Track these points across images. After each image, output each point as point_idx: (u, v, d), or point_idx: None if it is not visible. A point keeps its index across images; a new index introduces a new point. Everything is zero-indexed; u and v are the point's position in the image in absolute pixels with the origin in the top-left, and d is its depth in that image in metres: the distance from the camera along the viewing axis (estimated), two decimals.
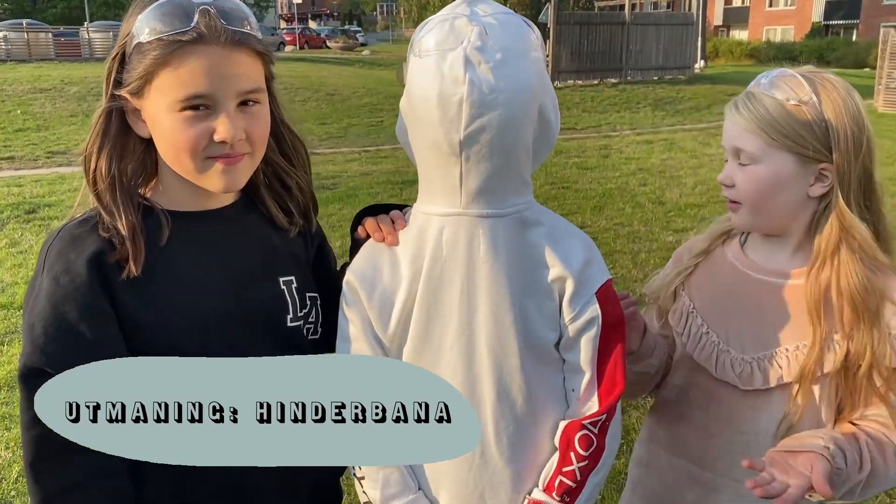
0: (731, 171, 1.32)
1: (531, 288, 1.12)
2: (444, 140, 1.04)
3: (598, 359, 1.14)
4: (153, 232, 1.13)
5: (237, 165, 1.13)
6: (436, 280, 1.11)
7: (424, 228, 1.13)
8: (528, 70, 1.05)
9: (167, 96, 1.07)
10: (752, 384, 1.30)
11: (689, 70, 19.44)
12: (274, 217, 1.27)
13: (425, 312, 1.12)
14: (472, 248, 1.10)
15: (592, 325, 1.13)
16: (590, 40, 17.82)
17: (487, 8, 1.07)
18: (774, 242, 1.35)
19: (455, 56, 1.01)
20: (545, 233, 1.13)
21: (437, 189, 1.11)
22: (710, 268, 1.41)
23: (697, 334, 1.37)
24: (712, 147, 11.30)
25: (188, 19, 1.05)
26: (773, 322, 1.30)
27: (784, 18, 45.26)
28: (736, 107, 1.30)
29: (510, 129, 1.04)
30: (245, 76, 1.11)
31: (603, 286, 1.14)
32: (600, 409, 1.14)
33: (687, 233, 6.50)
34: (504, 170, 1.07)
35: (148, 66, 1.06)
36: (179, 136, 1.08)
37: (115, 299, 1.09)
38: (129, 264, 1.08)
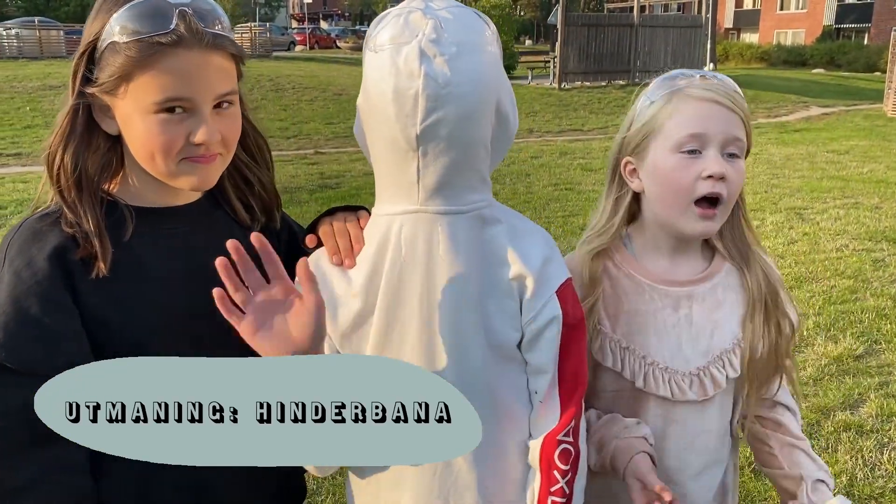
0: (721, 161, 1.22)
1: (492, 287, 1.09)
2: (400, 135, 1.03)
3: (559, 360, 1.12)
4: (116, 228, 1.11)
5: (210, 165, 1.12)
6: (395, 281, 1.09)
7: (382, 230, 1.11)
8: (483, 64, 1.03)
9: (145, 98, 1.05)
10: (707, 394, 1.29)
11: None
12: (238, 215, 1.26)
13: (385, 314, 1.10)
14: (431, 246, 1.07)
15: (552, 325, 1.10)
16: (598, 42, 17.81)
17: (441, 3, 1.05)
18: (683, 248, 1.32)
19: (410, 50, 1.00)
20: (505, 230, 1.11)
21: (394, 187, 1.08)
22: (622, 293, 1.32)
23: (641, 368, 1.29)
24: None
25: (167, 21, 1.04)
26: (706, 328, 1.30)
27: (795, 21, 45.05)
28: (719, 93, 1.22)
29: (467, 123, 1.02)
30: (222, 78, 1.10)
31: (563, 285, 1.11)
32: (567, 415, 1.11)
33: None
34: (462, 165, 1.05)
35: (125, 66, 1.04)
36: (156, 138, 1.07)
37: (78, 295, 1.07)
38: (98, 263, 1.07)
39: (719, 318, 1.31)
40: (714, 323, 1.30)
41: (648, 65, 18.37)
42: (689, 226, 1.25)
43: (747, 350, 1.29)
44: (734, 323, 1.31)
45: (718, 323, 1.30)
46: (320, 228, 1.19)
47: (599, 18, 19.44)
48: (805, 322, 4.56)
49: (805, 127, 13.97)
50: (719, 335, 1.30)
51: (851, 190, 8.38)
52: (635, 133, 1.29)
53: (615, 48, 18.03)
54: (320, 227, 1.19)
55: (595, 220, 1.38)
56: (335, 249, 1.14)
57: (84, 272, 1.07)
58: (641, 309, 1.30)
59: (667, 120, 1.24)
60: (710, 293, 1.31)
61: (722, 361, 1.29)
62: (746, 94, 1.34)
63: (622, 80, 17.97)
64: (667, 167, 1.24)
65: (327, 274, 1.14)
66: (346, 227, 1.16)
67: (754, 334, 1.29)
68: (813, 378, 3.84)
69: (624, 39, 18.03)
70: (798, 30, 44.39)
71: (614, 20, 19.06)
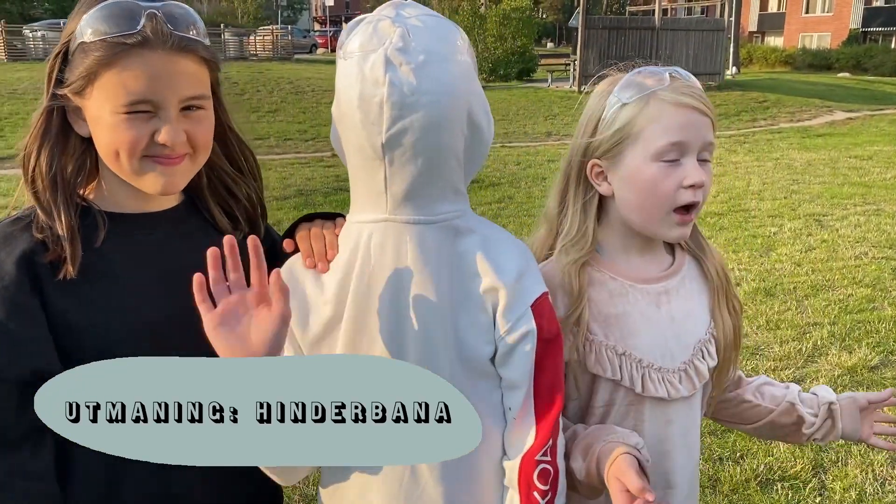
0: (700, 170, 1.21)
1: (463, 299, 1.07)
2: (367, 143, 1.02)
3: (534, 376, 1.09)
4: (89, 233, 1.11)
5: (176, 167, 1.12)
6: (364, 289, 1.08)
7: (354, 237, 1.10)
8: (451, 73, 1.01)
9: (109, 98, 1.06)
10: (695, 387, 1.30)
11: (719, 76, 19.21)
12: (217, 222, 1.25)
13: (353, 323, 1.08)
14: (399, 255, 1.06)
15: (527, 340, 1.07)
16: (619, 45, 17.74)
17: (414, 11, 1.04)
18: (650, 246, 1.33)
19: (376, 57, 0.99)
20: (478, 241, 1.08)
21: (365, 195, 1.08)
22: (606, 296, 1.30)
23: (639, 372, 1.27)
24: (739, 154, 11.18)
25: (134, 22, 1.04)
26: (685, 321, 1.31)
27: (820, 25, 44.50)
28: (695, 97, 1.22)
29: (434, 132, 1.01)
30: (189, 82, 1.09)
31: (538, 299, 1.09)
32: (544, 433, 1.09)
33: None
34: (430, 175, 1.04)
35: (91, 66, 1.05)
36: (119, 136, 1.07)
37: (46, 300, 1.07)
38: (66, 265, 1.06)
39: (692, 308, 1.33)
40: (689, 314, 1.32)
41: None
42: (668, 231, 1.25)
43: (721, 336, 1.32)
44: (704, 312, 1.34)
45: (692, 314, 1.32)
46: (297, 233, 1.19)
47: (620, 21, 19.36)
48: (820, 331, 4.52)
49: (828, 132, 13.81)
50: (695, 326, 1.32)
51: (873, 196, 8.26)
52: (608, 137, 1.26)
53: (636, 51, 17.91)
54: (297, 231, 1.19)
55: (566, 228, 1.33)
56: (309, 252, 1.14)
57: (52, 276, 1.07)
58: (629, 310, 1.29)
59: (646, 126, 1.22)
60: (682, 285, 1.33)
61: (702, 353, 1.31)
62: (769, 99, 1.34)
63: None
64: (646, 176, 1.22)
65: (302, 280, 1.13)
66: (322, 232, 1.16)
67: (723, 320, 1.33)
68: None
69: (645, 43, 17.94)
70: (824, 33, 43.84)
71: (635, 23, 18.98)
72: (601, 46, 17.62)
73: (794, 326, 4.60)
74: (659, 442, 1.29)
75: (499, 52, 21.79)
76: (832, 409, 1.48)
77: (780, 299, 5.08)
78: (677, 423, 1.31)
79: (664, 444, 1.30)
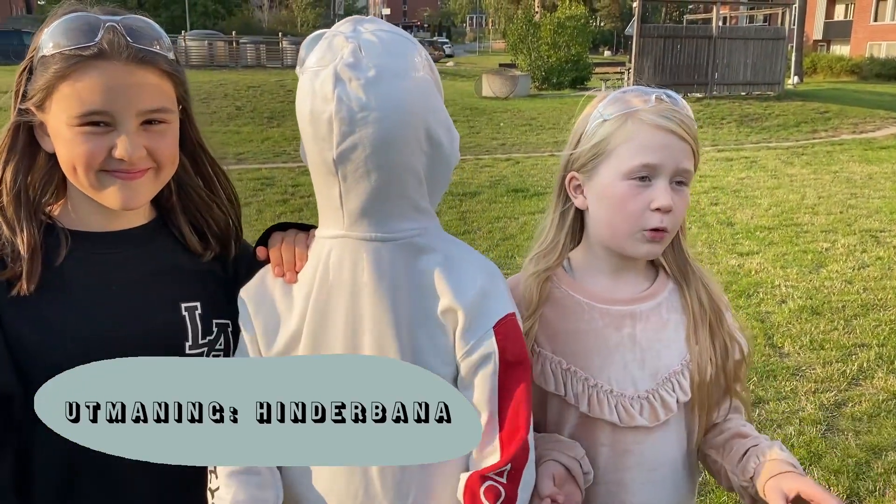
0: (669, 194, 1.19)
1: (421, 319, 1.05)
2: (319, 158, 1.01)
3: (498, 400, 1.05)
4: (51, 250, 1.11)
5: (136, 181, 1.10)
6: (322, 305, 1.06)
7: (317, 252, 1.09)
8: (404, 89, 0.99)
9: (66, 111, 1.05)
10: (658, 418, 1.23)
11: (779, 86, 18.72)
12: (187, 240, 1.23)
13: (312, 338, 1.07)
14: (356, 272, 1.05)
15: (488, 362, 1.04)
16: (674, 54, 17.46)
17: (371, 26, 1.03)
18: (625, 268, 1.29)
19: (326, 73, 0.98)
20: (438, 260, 1.06)
21: (325, 211, 1.07)
22: (562, 313, 1.27)
23: (584, 391, 1.23)
24: (795, 167, 10.86)
25: (93, 35, 1.05)
26: (652, 348, 1.25)
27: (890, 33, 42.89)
28: (676, 122, 1.19)
29: (385, 149, 0.99)
30: (148, 95, 1.08)
31: (503, 320, 1.05)
32: (503, 457, 1.04)
33: (752, 256, 6.32)
34: (386, 191, 1.02)
35: (49, 79, 1.05)
36: (76, 150, 1.06)
37: (2, 317, 1.06)
38: (21, 282, 1.06)
39: (665, 338, 1.26)
40: (660, 343, 1.26)
41: (727, 77, 17.88)
42: (635, 248, 1.23)
43: (695, 371, 1.24)
44: (681, 343, 1.27)
45: (665, 343, 1.26)
46: (269, 242, 1.18)
47: (676, 30, 19.02)
48: (867, 353, 4.34)
49: (892, 144, 13.28)
50: (667, 356, 1.25)
51: None
52: (585, 151, 1.25)
53: (692, 60, 17.61)
54: (270, 240, 1.18)
55: (542, 237, 1.33)
56: (279, 261, 1.13)
57: (7, 292, 1.07)
58: (582, 328, 1.25)
59: (620, 144, 1.21)
60: (654, 312, 1.27)
61: (672, 384, 1.24)
62: (831, 109, 1.30)
63: (699, 93, 17.53)
64: (616, 193, 1.21)
65: (272, 290, 1.13)
66: (294, 242, 1.15)
67: (700, 354, 1.25)
68: (868, 414, 3.62)
69: (701, 51, 17.60)
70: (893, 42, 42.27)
71: (692, 32, 18.61)
72: (656, 55, 17.35)
73: (840, 347, 4.43)
74: (615, 470, 1.24)
75: (552, 60, 21.68)
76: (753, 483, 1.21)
77: (827, 318, 4.90)
78: (637, 454, 1.24)
79: (620, 473, 1.25)
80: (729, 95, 17.64)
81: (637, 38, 17.30)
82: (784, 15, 20.59)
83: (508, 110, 15.96)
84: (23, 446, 1.10)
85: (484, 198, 8.38)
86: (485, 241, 6.56)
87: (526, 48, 22.06)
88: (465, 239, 6.34)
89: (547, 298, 1.28)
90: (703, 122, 15.07)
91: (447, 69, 29.28)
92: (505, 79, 19.20)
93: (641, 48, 17.15)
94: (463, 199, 8.19)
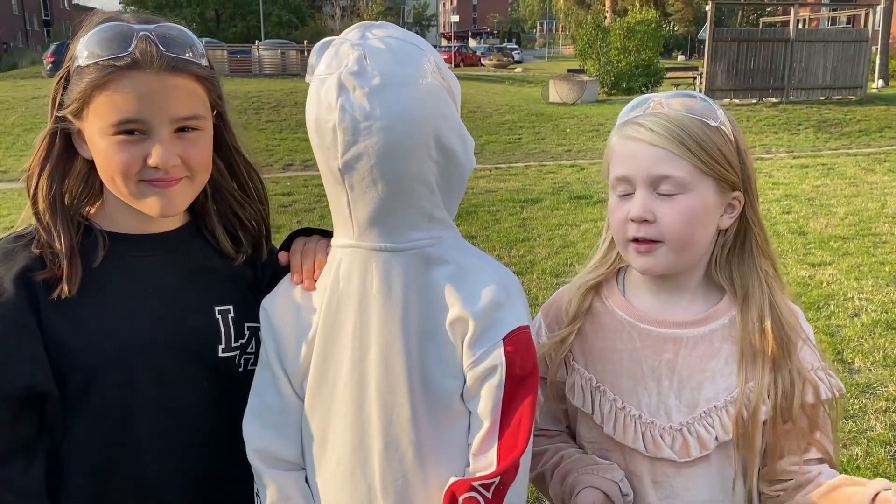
0: (648, 203, 1.12)
1: (430, 331, 1.03)
2: (326, 167, 1.02)
3: (501, 413, 1.03)
4: (88, 252, 1.13)
5: (172, 189, 1.12)
6: (332, 315, 1.06)
7: (331, 261, 1.09)
8: (410, 97, 0.98)
9: (102, 120, 1.08)
10: (689, 454, 1.14)
11: (861, 90, 17.90)
12: (220, 244, 1.25)
13: (322, 348, 1.08)
14: (365, 282, 1.04)
15: (494, 373, 1.02)
16: (749, 57, 16.93)
17: (381, 32, 1.01)
18: (670, 287, 1.20)
19: (331, 81, 0.98)
20: (450, 272, 1.04)
21: (337, 220, 1.07)
22: (599, 329, 1.22)
23: (612, 412, 1.18)
24: (876, 174, 10.34)
25: (126, 44, 1.06)
26: (692, 378, 1.16)
27: None
28: (646, 127, 1.12)
29: (392, 158, 0.98)
30: (182, 102, 1.10)
31: (514, 332, 1.02)
32: (496, 469, 1.01)
33: (824, 267, 6.04)
34: (395, 201, 1.01)
35: (84, 89, 1.07)
36: (112, 159, 1.09)
37: (42, 317, 1.09)
38: (63, 284, 1.09)
39: (711, 368, 1.17)
40: (704, 373, 1.16)
41: (805, 82, 17.21)
42: (633, 263, 1.18)
43: (742, 408, 1.13)
44: (732, 377, 1.16)
45: (709, 374, 1.16)
46: (291, 247, 1.19)
47: (751, 33, 18.46)
48: None
49: None
50: (710, 389, 1.16)
51: None
52: (604, 166, 1.24)
53: (768, 64, 17.02)
54: (292, 246, 1.19)
55: (596, 251, 1.31)
56: (298, 268, 1.14)
57: (48, 293, 1.09)
58: (617, 347, 1.20)
59: (609, 157, 1.20)
60: (704, 339, 1.18)
61: (711, 419, 1.15)
62: None
63: (775, 98, 16.95)
64: (609, 206, 1.20)
65: (292, 300, 1.13)
66: (315, 249, 1.15)
67: (752, 389, 1.13)
68: None
69: (777, 55, 17.00)
70: None
71: (767, 35, 18.01)
72: (730, 59, 16.85)
73: None
74: (640, 499, 1.18)
75: (622, 65, 21.34)
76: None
77: None
78: (667, 487, 1.17)
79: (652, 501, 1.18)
80: (807, 100, 16.98)
81: (709, 41, 16.85)
82: (868, 16, 19.70)
83: (575, 116, 15.78)
84: (54, 448, 1.13)
85: (546, 204, 8.30)
86: (544, 249, 6.49)
87: (595, 53, 21.78)
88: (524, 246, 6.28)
89: (588, 312, 1.24)
90: (778, 127, 14.57)
91: (515, 75, 29.21)
92: (572, 84, 18.99)
93: (714, 52, 16.70)
94: (524, 205, 8.13)
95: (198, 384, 1.18)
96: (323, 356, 1.08)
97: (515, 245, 6.56)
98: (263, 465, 1.13)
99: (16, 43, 60.47)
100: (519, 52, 54.51)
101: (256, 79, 20.78)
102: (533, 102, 17.99)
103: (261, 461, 1.13)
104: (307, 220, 7.40)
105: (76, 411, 1.12)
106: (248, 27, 45.10)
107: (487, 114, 15.58)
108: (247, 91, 16.43)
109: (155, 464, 1.16)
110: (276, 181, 9.34)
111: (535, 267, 5.96)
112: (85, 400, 1.12)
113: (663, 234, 1.13)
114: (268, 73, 22.80)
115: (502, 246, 6.52)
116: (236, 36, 42.26)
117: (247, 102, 15.33)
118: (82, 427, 1.12)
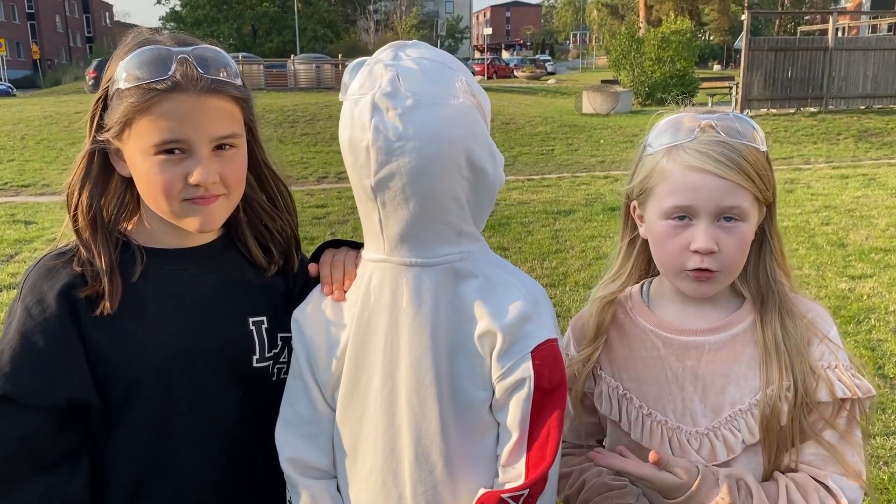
0: (714, 234, 1.12)
1: (460, 344, 1.05)
2: (359, 185, 1.04)
3: (530, 426, 1.04)
4: (127, 268, 1.17)
5: (211, 206, 1.16)
6: (364, 327, 1.09)
7: (362, 274, 1.12)
8: (442, 117, 1.00)
9: (144, 141, 1.11)
10: (717, 458, 1.16)
11: None
12: (253, 255, 1.28)
13: (354, 360, 1.10)
14: (395, 297, 1.06)
15: (522, 386, 1.03)
16: (786, 67, 16.70)
17: (414, 52, 1.04)
18: (700, 299, 1.21)
19: (365, 102, 1.00)
20: (479, 285, 1.06)
21: (368, 235, 1.09)
22: (625, 339, 1.25)
23: (638, 419, 1.20)
24: None
25: (166, 68, 1.09)
26: (715, 384, 1.18)
27: None
28: (712, 157, 1.12)
29: (423, 177, 1.00)
30: (220, 122, 1.13)
31: (542, 345, 1.04)
32: (525, 481, 1.03)
33: (864, 280, 5.91)
34: (426, 218, 1.03)
35: (126, 111, 1.10)
36: (155, 179, 1.12)
37: (83, 332, 1.13)
38: (105, 301, 1.12)
39: (734, 373, 1.18)
40: (727, 378, 1.18)
41: (844, 91, 16.92)
42: (683, 286, 1.18)
43: (765, 409, 1.14)
44: (755, 380, 1.17)
45: (733, 379, 1.18)
46: (321, 259, 1.21)
47: (788, 42, 18.18)
48: None
49: None
50: (734, 392, 1.18)
51: None
52: (637, 184, 1.23)
53: (806, 73, 16.77)
54: (322, 257, 1.22)
55: (611, 265, 1.32)
56: (328, 279, 1.17)
57: (90, 309, 1.13)
58: (642, 355, 1.22)
59: (658, 183, 1.18)
60: (726, 345, 1.20)
61: (737, 423, 1.16)
62: None
63: (813, 108, 16.68)
64: (657, 231, 1.18)
65: (322, 311, 1.15)
66: (344, 261, 1.18)
67: (772, 389, 1.14)
68: None
69: (815, 64, 16.74)
70: None
71: (805, 44, 17.73)
72: (767, 69, 16.65)
73: None
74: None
75: (656, 75, 21.19)
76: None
77: None
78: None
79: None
80: (847, 109, 16.68)
81: (745, 51, 16.66)
82: None
83: (609, 127, 15.72)
84: (97, 457, 1.17)
85: (579, 216, 8.26)
86: (577, 261, 6.45)
87: (629, 64, 21.68)
88: (556, 258, 6.23)
89: (611, 324, 1.26)
90: (817, 137, 14.34)
91: (548, 87, 29.18)
92: (606, 95, 18.92)
93: (750, 62, 16.50)
94: (557, 217, 8.11)
95: (233, 394, 1.21)
96: (354, 368, 1.10)
97: (548, 257, 6.54)
98: (297, 474, 1.16)
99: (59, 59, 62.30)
100: (552, 64, 54.52)
101: (292, 92, 21.10)
102: (566, 114, 17.96)
103: (294, 469, 1.16)
104: (340, 232, 7.46)
105: (117, 422, 1.16)
106: (283, 42, 45.83)
107: (520, 125, 15.59)
108: (283, 105, 16.68)
109: (192, 472, 1.19)
110: (311, 193, 9.46)
111: (567, 279, 5.93)
112: (126, 411, 1.15)
113: (724, 265, 1.14)
114: (303, 86, 23.13)
115: (535, 258, 6.50)
116: (272, 50, 42.95)
117: (282, 116, 15.56)
118: (123, 436, 1.16)
